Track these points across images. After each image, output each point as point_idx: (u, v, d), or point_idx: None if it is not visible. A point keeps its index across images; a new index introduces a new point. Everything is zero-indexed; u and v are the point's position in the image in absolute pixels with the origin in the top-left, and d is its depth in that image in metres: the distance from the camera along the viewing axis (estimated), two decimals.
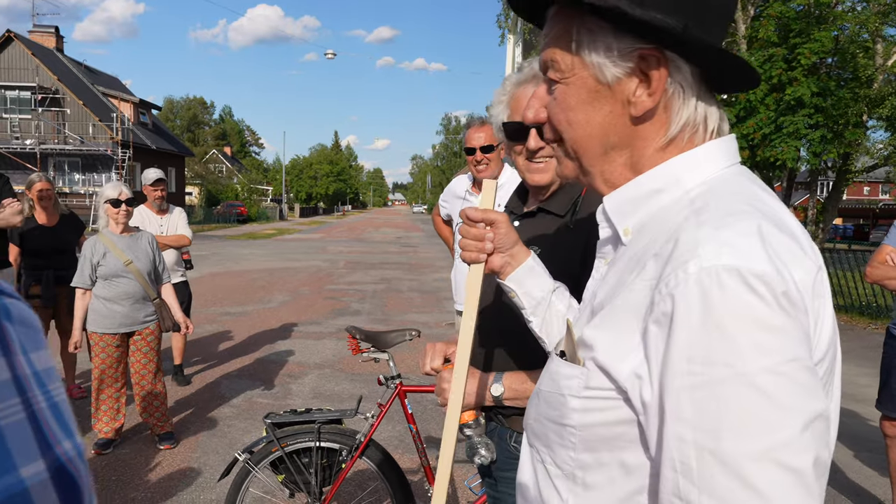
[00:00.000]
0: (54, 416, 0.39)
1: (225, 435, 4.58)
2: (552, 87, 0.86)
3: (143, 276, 4.17)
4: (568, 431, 0.81)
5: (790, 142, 11.25)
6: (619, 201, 0.85)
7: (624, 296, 0.76)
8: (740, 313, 0.65)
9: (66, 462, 0.38)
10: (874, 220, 40.37)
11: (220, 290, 11.42)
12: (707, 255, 0.67)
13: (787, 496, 0.62)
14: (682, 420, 0.66)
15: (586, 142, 0.84)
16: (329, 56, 37.95)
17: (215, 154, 74.29)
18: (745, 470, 0.63)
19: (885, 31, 13.02)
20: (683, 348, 0.66)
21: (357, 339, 2.85)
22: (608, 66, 0.80)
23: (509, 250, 1.17)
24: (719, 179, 0.81)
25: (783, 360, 0.64)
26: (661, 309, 0.69)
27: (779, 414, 0.63)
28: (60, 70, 33.13)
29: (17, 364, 0.37)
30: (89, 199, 30.51)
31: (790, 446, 0.63)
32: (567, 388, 0.80)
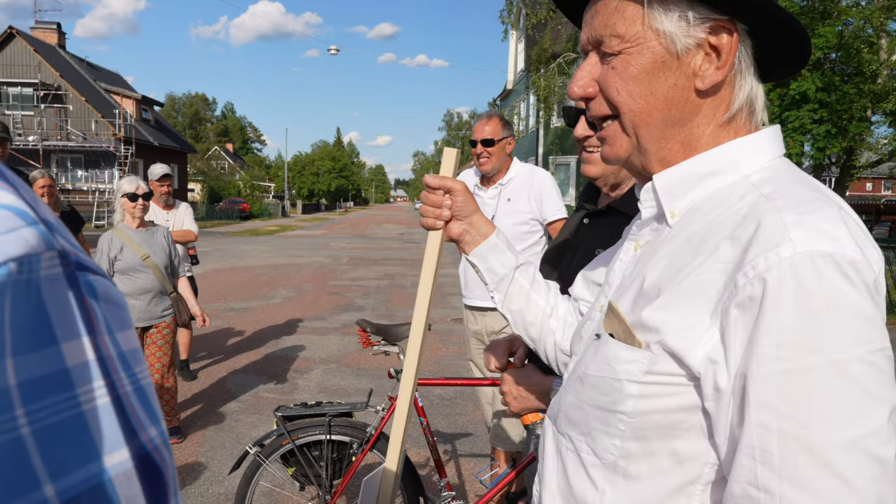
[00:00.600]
0: (140, 400, 0.37)
1: (232, 429, 4.59)
2: (607, 60, 0.83)
3: (160, 270, 4.18)
4: (617, 418, 0.78)
5: (795, 136, 11.24)
6: (672, 180, 0.83)
7: (692, 278, 0.73)
8: (836, 300, 0.64)
9: (151, 450, 0.36)
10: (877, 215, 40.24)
11: (223, 286, 11.43)
12: (800, 239, 0.66)
13: (872, 485, 0.62)
14: (766, 407, 0.65)
15: (648, 115, 0.81)
16: (332, 52, 37.94)
17: (217, 151, 74.29)
18: (832, 458, 0.62)
19: (890, 26, 12.98)
20: (774, 333, 0.65)
21: (367, 332, 2.86)
22: (679, 35, 0.78)
23: (467, 218, 1.16)
24: (778, 167, 0.80)
25: (874, 349, 0.64)
26: (747, 292, 0.67)
27: (869, 403, 0.63)
28: (62, 66, 33.13)
29: (102, 344, 0.35)
30: (92, 196, 30.57)
31: (878, 435, 0.62)
32: (626, 372, 0.77)
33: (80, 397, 0.33)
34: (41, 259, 0.32)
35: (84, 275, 0.36)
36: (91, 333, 0.34)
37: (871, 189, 58.78)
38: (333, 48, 38.16)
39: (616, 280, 0.91)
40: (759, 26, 0.78)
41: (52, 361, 0.32)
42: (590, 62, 0.86)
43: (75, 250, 0.36)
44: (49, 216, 0.36)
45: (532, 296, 1.17)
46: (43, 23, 35.57)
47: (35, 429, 0.30)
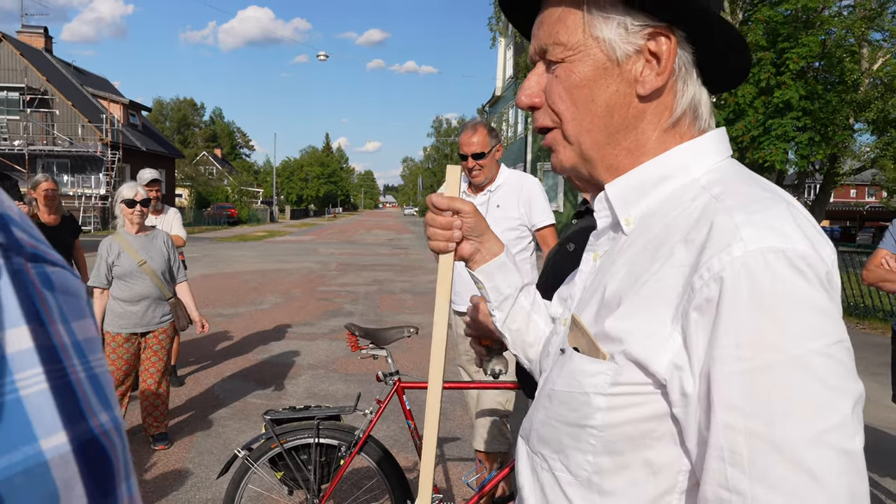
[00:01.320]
0: (93, 386, 0.38)
1: (219, 435, 4.59)
2: (552, 68, 0.84)
3: (158, 275, 4.19)
4: (587, 433, 0.77)
5: (779, 144, 11.38)
6: (624, 188, 0.83)
7: (651, 285, 0.73)
8: (790, 296, 0.64)
9: (99, 434, 0.37)
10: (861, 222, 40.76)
11: (211, 292, 11.40)
12: (751, 237, 0.66)
13: (842, 478, 0.62)
14: (731, 407, 0.65)
15: (591, 122, 0.82)
16: (321, 58, 37.95)
17: (205, 156, 73.93)
18: (799, 454, 0.62)
19: (871, 36, 13.18)
20: (732, 333, 0.65)
21: (356, 335, 2.89)
22: (619, 42, 0.79)
23: (479, 238, 1.12)
24: (725, 168, 0.81)
25: (831, 341, 0.64)
26: (704, 294, 0.67)
27: (831, 396, 0.63)
28: (49, 71, 32.92)
29: (55, 332, 0.36)
30: (78, 201, 30.32)
31: (844, 428, 0.63)
32: (592, 385, 0.76)
33: (18, 383, 0.34)
34: None
35: (39, 266, 0.37)
36: (37, 322, 0.35)
37: (854, 196, 59.43)
38: (322, 54, 38.17)
39: (578, 293, 0.91)
40: (696, 33, 0.80)
41: None
42: (537, 72, 0.87)
43: (33, 242, 0.38)
44: (10, 211, 0.37)
45: (533, 316, 1.13)
46: (29, 27, 35.33)
47: None
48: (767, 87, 11.62)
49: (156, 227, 4.45)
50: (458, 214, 1.09)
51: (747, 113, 11.66)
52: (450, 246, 1.10)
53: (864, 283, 3.45)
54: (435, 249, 1.11)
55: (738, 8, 13.83)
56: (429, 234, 1.11)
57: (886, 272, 3.25)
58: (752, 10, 13.52)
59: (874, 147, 16.22)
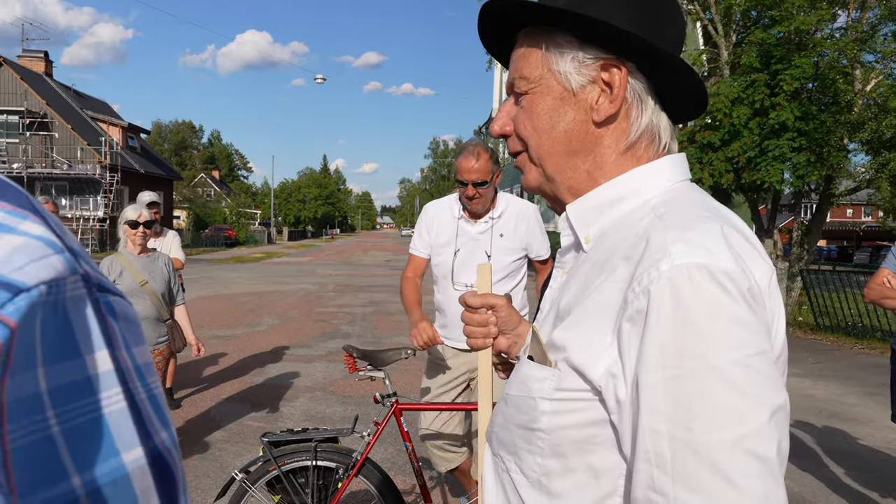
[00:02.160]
0: (153, 407, 0.42)
1: (216, 458, 4.56)
2: (519, 100, 0.92)
3: (158, 296, 4.19)
4: (536, 436, 0.81)
5: (776, 165, 11.44)
6: (582, 209, 0.89)
7: (594, 297, 0.78)
8: (710, 308, 0.68)
9: (163, 451, 0.41)
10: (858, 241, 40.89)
11: (208, 314, 11.37)
12: (678, 253, 0.71)
13: (756, 483, 0.65)
14: (656, 412, 0.69)
15: (550, 146, 0.89)
16: (318, 81, 38.24)
17: (203, 178, 74.22)
18: (716, 459, 0.65)
19: (864, 58, 13.33)
20: (657, 342, 0.69)
21: (354, 357, 2.88)
22: (573, 74, 0.86)
23: (514, 331, 1.16)
24: (676, 190, 0.87)
25: (751, 353, 0.68)
26: (635, 307, 0.72)
27: (748, 404, 0.66)
28: (49, 94, 33.13)
29: (121, 357, 0.40)
30: (76, 224, 30.35)
31: (758, 436, 0.66)
32: (538, 390, 0.81)
33: (102, 402, 0.38)
34: (66, 283, 0.38)
35: (104, 296, 0.41)
36: (110, 347, 0.39)
37: (851, 215, 59.68)
38: (320, 77, 38.48)
39: (546, 306, 0.95)
40: (643, 63, 0.86)
41: (76, 371, 0.37)
42: (508, 103, 0.95)
43: (97, 274, 0.41)
44: (74, 244, 0.41)
45: None
46: (30, 51, 35.61)
47: (64, 428, 0.36)
48: (762, 109, 11.71)
49: (157, 250, 4.47)
50: (493, 310, 1.14)
51: (742, 134, 11.73)
52: (487, 342, 1.14)
53: (866, 301, 3.52)
54: (474, 347, 1.15)
55: (732, 31, 13.99)
56: (466, 333, 1.15)
57: (888, 290, 3.33)
58: (745, 32, 13.67)
59: (869, 167, 16.32)
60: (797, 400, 6.46)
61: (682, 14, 0.90)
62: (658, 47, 0.83)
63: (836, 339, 10.30)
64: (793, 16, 11.87)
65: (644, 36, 0.83)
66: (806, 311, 11.87)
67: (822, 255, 36.24)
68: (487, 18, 0.93)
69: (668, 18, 0.88)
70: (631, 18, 0.84)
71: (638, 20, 0.84)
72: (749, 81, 11.86)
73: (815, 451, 5.01)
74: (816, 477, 4.47)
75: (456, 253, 3.09)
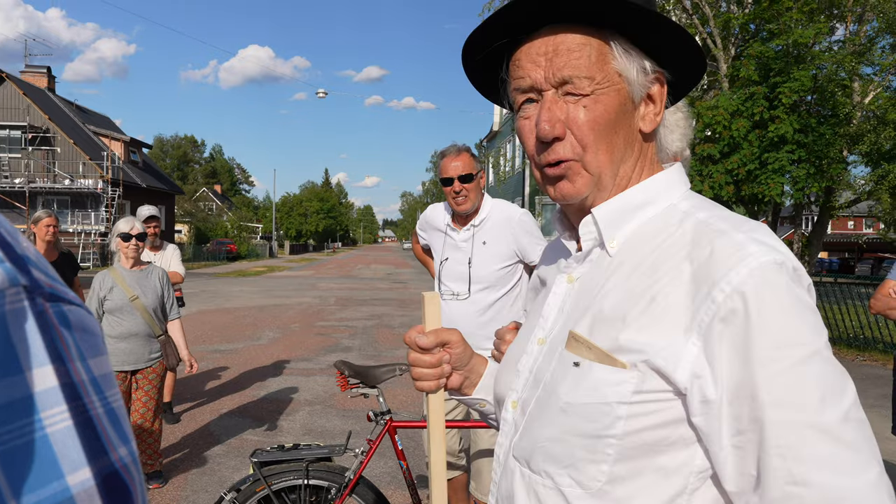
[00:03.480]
0: (111, 421, 0.39)
1: (214, 473, 4.54)
2: (573, 99, 0.85)
3: (149, 312, 4.14)
4: (605, 443, 0.79)
5: (775, 178, 11.45)
6: (610, 212, 0.89)
7: (660, 300, 0.79)
8: (799, 300, 0.74)
9: (120, 468, 0.39)
10: (859, 253, 40.82)
11: (209, 328, 11.36)
12: (757, 253, 0.75)
13: (867, 445, 0.71)
14: (781, 404, 0.71)
15: (611, 154, 0.87)
16: (320, 95, 38.41)
17: (205, 192, 74.39)
18: (839, 432, 0.70)
19: (862, 70, 13.38)
20: (766, 336, 0.72)
21: (345, 374, 2.82)
22: (638, 84, 0.87)
23: (466, 366, 1.06)
24: (694, 196, 0.90)
25: (826, 336, 0.75)
26: (728, 306, 0.73)
27: (843, 379, 0.73)
28: (51, 110, 33.30)
29: (73, 370, 0.38)
30: (78, 238, 30.38)
31: (857, 403, 0.72)
32: (615, 394, 0.79)
33: (44, 421, 0.36)
34: (5, 295, 0.36)
35: (57, 305, 0.39)
36: (58, 361, 0.37)
37: (852, 227, 59.60)
38: (321, 91, 38.64)
39: (552, 313, 0.93)
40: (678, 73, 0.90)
41: (17, 389, 0.35)
42: (555, 103, 0.86)
43: (51, 282, 0.39)
44: (26, 251, 0.39)
45: None
46: (33, 66, 35.85)
47: (1, 451, 0.34)
48: (761, 121, 11.76)
49: (151, 263, 4.43)
50: (447, 346, 1.03)
51: (742, 146, 11.77)
52: (441, 382, 1.03)
53: (872, 312, 3.54)
54: (424, 390, 1.03)
55: (731, 44, 14.07)
56: (415, 376, 1.03)
57: (894, 301, 3.37)
58: (744, 45, 13.75)
59: (868, 180, 16.33)
60: None
61: None
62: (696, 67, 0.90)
63: (837, 350, 10.25)
64: (791, 29, 11.94)
65: None
66: None
67: (823, 266, 36.16)
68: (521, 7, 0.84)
69: None
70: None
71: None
72: (748, 94, 11.90)
73: None
74: None
75: (443, 262, 3.14)
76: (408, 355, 1.04)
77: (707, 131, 12.47)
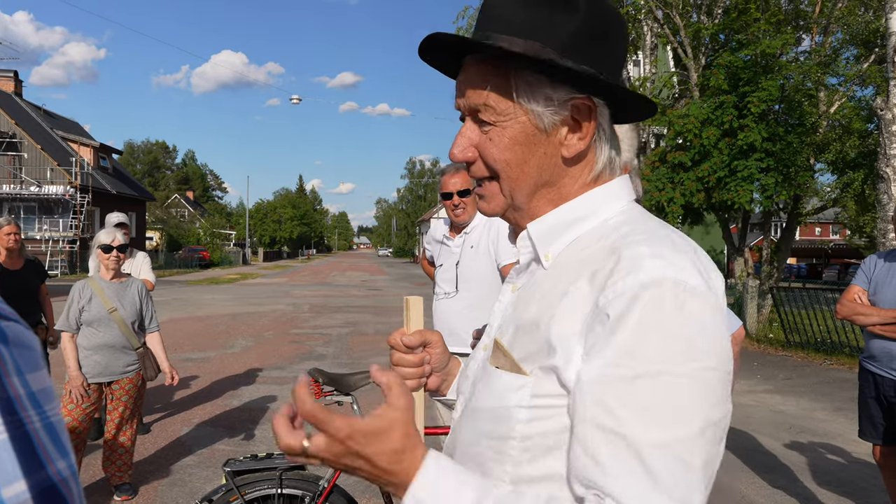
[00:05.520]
0: (49, 435, 0.39)
1: (185, 484, 4.47)
2: (484, 128, 0.90)
3: (127, 324, 4.08)
4: (508, 445, 0.83)
5: (745, 185, 11.65)
6: (544, 228, 0.92)
7: (563, 307, 0.81)
8: (675, 320, 0.73)
9: (58, 482, 0.38)
10: (826, 259, 41.62)
11: (181, 336, 11.20)
12: (649, 267, 0.75)
13: (678, 487, 0.69)
14: (603, 407, 0.72)
15: (522, 180, 0.90)
16: (294, 101, 38.17)
17: (177, 198, 73.47)
18: (646, 456, 0.69)
19: (827, 81, 13.69)
20: (616, 344, 0.73)
21: (319, 382, 2.83)
22: (547, 114, 0.87)
23: (444, 369, 1.12)
24: (632, 211, 0.91)
25: (703, 367, 0.72)
26: (605, 311, 0.75)
27: (684, 413, 0.71)
28: (18, 114, 32.66)
29: (10, 385, 0.38)
30: (46, 245, 29.79)
31: (690, 443, 0.70)
32: (516, 399, 0.83)
33: None
34: None
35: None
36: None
37: (819, 233, 60.88)
38: (295, 98, 38.39)
39: (497, 320, 0.97)
40: (610, 100, 0.89)
41: None
42: (469, 128, 0.92)
43: None
44: None
45: None
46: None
47: None
48: (731, 130, 11.96)
49: (131, 275, 4.37)
50: (428, 347, 1.07)
51: (712, 154, 11.96)
52: (422, 381, 1.07)
53: (838, 317, 3.62)
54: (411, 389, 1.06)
55: (701, 53, 14.30)
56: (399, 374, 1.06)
57: (859, 306, 3.44)
58: (713, 55, 13.99)
59: (834, 187, 16.71)
60: (769, 416, 6.52)
61: (625, 30, 0.92)
62: (622, 88, 0.87)
63: (806, 355, 10.44)
64: (759, 39, 12.18)
65: (601, 71, 0.86)
66: (776, 328, 12.03)
67: (791, 272, 36.81)
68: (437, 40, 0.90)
69: (617, 42, 0.90)
70: (589, 55, 0.86)
71: (594, 56, 0.86)
72: (718, 103, 12.10)
73: (786, 467, 5.05)
74: (788, 493, 4.50)
75: (438, 268, 3.50)
76: (391, 356, 1.07)
77: (678, 139, 12.65)
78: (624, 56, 0.93)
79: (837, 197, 17.03)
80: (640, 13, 14.69)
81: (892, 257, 3.44)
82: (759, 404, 7.05)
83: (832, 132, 13.59)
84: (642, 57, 16.54)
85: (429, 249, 3.84)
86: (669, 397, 0.71)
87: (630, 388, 0.71)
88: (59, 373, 5.87)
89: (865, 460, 5.13)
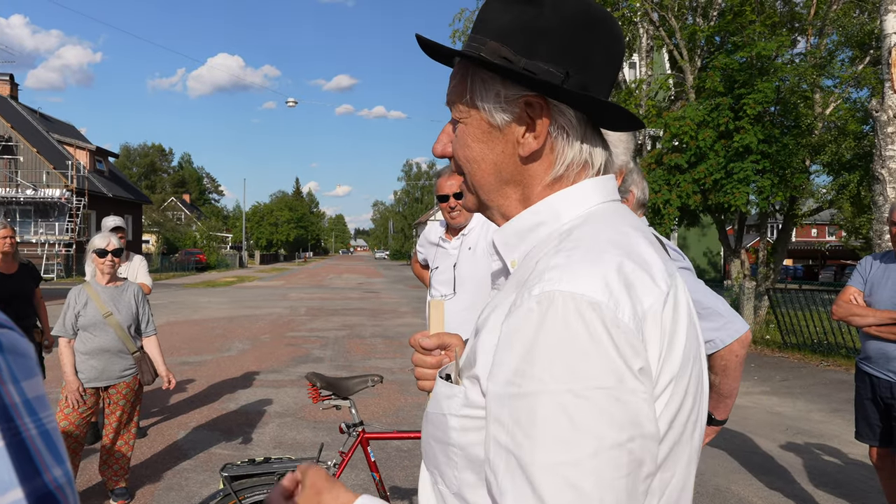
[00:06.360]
0: (45, 442, 0.39)
1: (182, 488, 4.45)
2: (456, 126, 0.93)
3: (123, 329, 4.07)
4: (451, 451, 0.83)
5: (741, 187, 11.68)
6: (507, 234, 0.91)
7: (493, 317, 0.81)
8: (561, 335, 0.70)
9: (54, 489, 0.38)
10: (823, 260, 41.78)
11: (177, 339, 11.18)
12: (550, 279, 0.73)
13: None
14: (500, 423, 0.72)
15: (482, 177, 0.91)
16: (290, 104, 38.18)
17: (174, 201, 73.34)
18: (535, 478, 0.68)
19: (822, 82, 13.74)
20: (510, 359, 0.72)
21: (317, 386, 2.83)
22: (497, 111, 0.87)
23: None
24: (594, 213, 0.87)
25: (590, 386, 0.68)
26: (506, 325, 0.75)
27: (574, 435, 0.67)
28: (14, 117, 32.59)
29: (6, 392, 0.38)
30: (41, 248, 29.71)
31: (577, 466, 0.67)
32: (448, 407, 0.83)
33: None
34: None
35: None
36: None
37: (815, 235, 61.02)
38: (291, 100, 38.42)
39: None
40: (569, 102, 0.85)
41: None
42: (448, 125, 0.96)
43: None
44: None
45: None
46: None
47: None
48: (727, 132, 12.00)
49: (127, 280, 4.36)
50: (447, 349, 1.08)
51: (708, 156, 11.99)
52: None
53: (833, 318, 3.63)
54: (426, 389, 1.09)
55: (697, 56, 14.35)
56: (418, 375, 1.10)
57: (855, 307, 3.44)
58: (709, 57, 14.04)
59: (830, 189, 16.76)
60: (766, 417, 6.54)
61: (613, 29, 0.88)
62: (578, 91, 0.83)
63: (802, 356, 10.46)
64: (754, 42, 12.22)
65: (567, 70, 0.83)
66: (773, 330, 12.05)
67: (788, 273, 36.90)
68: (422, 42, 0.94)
69: (595, 41, 0.85)
70: (552, 53, 0.83)
71: (560, 54, 0.84)
72: (714, 105, 12.14)
73: (783, 468, 5.06)
74: (785, 494, 4.51)
75: (434, 270, 3.49)
76: (413, 356, 1.11)
77: (675, 141, 12.68)
78: (610, 54, 0.88)
79: (833, 198, 17.10)
80: (636, 15, 14.74)
81: (888, 258, 3.46)
82: (755, 406, 7.06)
83: (828, 134, 13.65)
84: (638, 59, 16.58)
85: (421, 252, 3.85)
86: (556, 417, 0.68)
87: (520, 406, 0.70)
88: (55, 377, 5.85)
89: (862, 462, 5.14)
